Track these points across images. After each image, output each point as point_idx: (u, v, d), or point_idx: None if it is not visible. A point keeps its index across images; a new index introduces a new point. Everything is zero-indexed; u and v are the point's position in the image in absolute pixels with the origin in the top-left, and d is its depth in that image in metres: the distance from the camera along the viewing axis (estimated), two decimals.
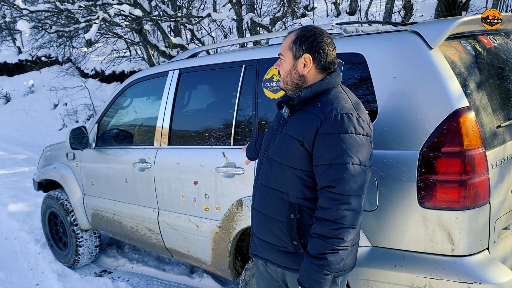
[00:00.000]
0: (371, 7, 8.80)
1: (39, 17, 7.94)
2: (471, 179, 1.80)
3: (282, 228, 1.76)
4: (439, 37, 1.91)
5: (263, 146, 1.93)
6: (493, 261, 1.85)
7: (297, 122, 1.73)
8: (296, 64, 1.77)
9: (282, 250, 1.78)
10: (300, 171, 1.70)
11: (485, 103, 2.01)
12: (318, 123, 1.64)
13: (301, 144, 1.68)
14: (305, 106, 1.75)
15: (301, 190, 1.71)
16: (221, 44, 3.25)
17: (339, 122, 1.61)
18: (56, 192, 4.21)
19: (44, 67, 12.91)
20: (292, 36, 1.79)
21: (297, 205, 1.72)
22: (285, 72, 1.80)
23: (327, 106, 1.66)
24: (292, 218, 1.73)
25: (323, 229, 1.60)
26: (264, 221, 1.83)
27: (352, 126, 1.61)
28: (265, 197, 1.82)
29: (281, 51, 1.82)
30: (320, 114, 1.65)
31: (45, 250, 4.50)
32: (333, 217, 1.58)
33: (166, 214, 3.11)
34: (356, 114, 1.65)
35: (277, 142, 1.79)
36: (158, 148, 3.14)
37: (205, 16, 6.07)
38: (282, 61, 1.81)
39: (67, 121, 10.36)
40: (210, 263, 2.92)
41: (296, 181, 1.71)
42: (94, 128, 3.76)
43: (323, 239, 1.60)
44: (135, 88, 3.57)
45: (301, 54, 1.75)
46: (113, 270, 4.17)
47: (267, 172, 1.81)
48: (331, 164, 1.60)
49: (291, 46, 1.77)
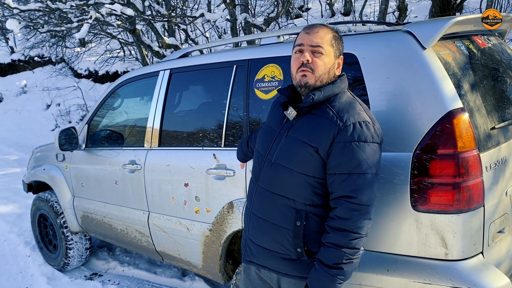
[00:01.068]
0: (366, 8, 8.79)
1: (31, 16, 7.85)
2: (465, 182, 1.76)
3: (286, 236, 1.70)
4: (433, 37, 1.88)
5: (261, 148, 1.82)
6: (487, 266, 1.82)
7: (308, 127, 1.66)
8: (335, 63, 1.69)
9: (284, 257, 1.72)
10: (311, 177, 1.64)
11: (479, 104, 1.98)
12: (335, 131, 1.59)
13: (316, 151, 1.62)
14: (313, 110, 1.68)
15: (310, 197, 1.66)
16: (212, 44, 3.20)
17: (358, 131, 1.58)
18: (45, 194, 4.15)
19: (37, 67, 12.82)
20: (329, 32, 1.68)
21: (304, 211, 1.67)
22: (325, 68, 1.66)
23: (343, 113, 1.62)
24: (299, 225, 1.67)
25: (341, 239, 1.56)
26: (265, 228, 1.75)
27: (370, 135, 1.59)
28: (268, 203, 1.74)
29: (321, 44, 1.65)
30: (336, 121, 1.60)
31: (35, 253, 4.43)
32: (352, 228, 1.56)
33: (157, 216, 3.06)
34: (372, 123, 1.62)
35: (284, 146, 1.71)
36: (148, 150, 3.08)
37: (198, 16, 6.02)
38: (322, 55, 1.65)
39: (60, 121, 10.28)
40: (201, 266, 2.87)
41: (306, 188, 1.66)
42: (84, 129, 3.71)
43: (340, 249, 1.57)
44: (126, 89, 3.52)
45: (339, 54, 1.70)
46: (103, 273, 4.11)
47: (271, 177, 1.73)
48: (350, 174, 1.57)
49: (332, 42, 1.67)
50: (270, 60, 2.41)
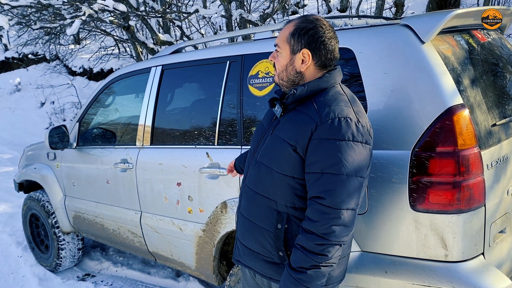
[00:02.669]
0: (362, 4, 8.72)
1: (23, 12, 7.74)
2: (466, 180, 1.70)
3: (268, 238, 1.62)
4: (432, 31, 1.81)
5: (252, 146, 1.77)
6: (488, 267, 1.76)
7: (290, 124, 1.58)
8: (293, 59, 1.60)
9: (267, 260, 1.65)
10: (291, 178, 1.55)
11: (480, 100, 1.91)
12: (313, 127, 1.49)
13: (294, 149, 1.53)
14: (299, 106, 1.59)
15: (291, 199, 1.57)
16: (205, 39, 3.12)
17: (336, 127, 1.46)
18: (37, 194, 4.07)
19: (31, 64, 12.67)
20: (290, 27, 1.60)
21: (286, 214, 1.59)
22: (281, 66, 1.63)
23: (324, 108, 1.51)
24: (280, 228, 1.59)
25: (308, 242, 1.47)
26: (249, 227, 1.69)
27: (350, 132, 1.47)
28: (252, 202, 1.68)
29: (277, 42, 1.64)
30: (315, 117, 1.50)
31: (27, 253, 4.36)
32: (320, 232, 1.45)
33: (149, 216, 2.99)
34: (355, 119, 1.50)
35: (267, 144, 1.64)
36: (140, 148, 3.01)
37: (193, 12, 5.94)
38: (278, 53, 1.63)
39: (54, 119, 10.16)
40: (194, 267, 2.80)
41: (286, 189, 1.57)
42: (75, 127, 3.63)
43: (306, 253, 1.47)
44: (117, 85, 3.44)
45: (299, 49, 1.58)
46: (96, 273, 4.04)
47: (255, 176, 1.67)
48: (323, 173, 1.46)
49: (289, 39, 1.59)
50: (264, 55, 2.34)
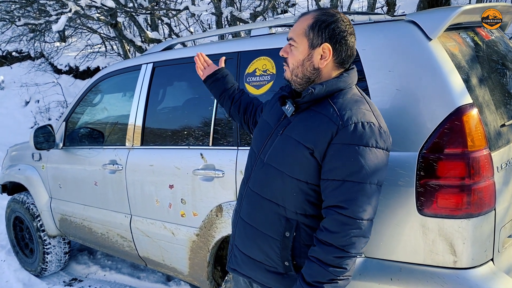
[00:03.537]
0: (353, 3, 8.68)
1: (7, 8, 7.53)
2: (476, 183, 1.62)
3: (273, 246, 1.52)
4: (439, 27, 1.73)
5: (255, 145, 1.65)
6: (498, 274, 1.69)
7: (305, 125, 1.47)
8: (312, 54, 1.49)
9: (269, 269, 1.55)
10: (304, 183, 1.46)
11: (488, 100, 1.84)
12: (333, 130, 1.40)
13: (311, 153, 1.43)
14: (314, 106, 1.49)
15: (302, 205, 1.47)
16: (198, 36, 3.02)
17: (360, 133, 1.38)
18: (21, 195, 3.92)
19: (14, 62, 12.39)
20: (308, 19, 1.49)
21: (295, 221, 1.48)
22: (296, 62, 1.52)
23: (345, 111, 1.41)
24: (288, 236, 1.49)
25: (326, 255, 1.37)
26: (251, 234, 1.58)
27: (374, 139, 1.39)
28: (256, 207, 1.56)
29: (292, 36, 1.53)
30: (336, 119, 1.40)
31: (10, 257, 4.21)
32: (339, 244, 1.36)
33: (139, 220, 2.87)
34: (378, 124, 1.42)
35: (277, 146, 1.53)
36: (130, 149, 2.89)
37: (182, 9, 5.82)
38: (293, 48, 1.52)
39: (39, 118, 9.93)
40: (187, 273, 2.70)
41: (298, 195, 1.47)
42: (61, 126, 3.49)
43: (323, 266, 1.38)
44: (106, 83, 3.32)
45: (319, 43, 1.47)
46: (84, 278, 3.92)
47: (261, 179, 1.55)
48: (344, 181, 1.37)
49: (307, 32, 1.48)
50: (261, 52, 2.25)
